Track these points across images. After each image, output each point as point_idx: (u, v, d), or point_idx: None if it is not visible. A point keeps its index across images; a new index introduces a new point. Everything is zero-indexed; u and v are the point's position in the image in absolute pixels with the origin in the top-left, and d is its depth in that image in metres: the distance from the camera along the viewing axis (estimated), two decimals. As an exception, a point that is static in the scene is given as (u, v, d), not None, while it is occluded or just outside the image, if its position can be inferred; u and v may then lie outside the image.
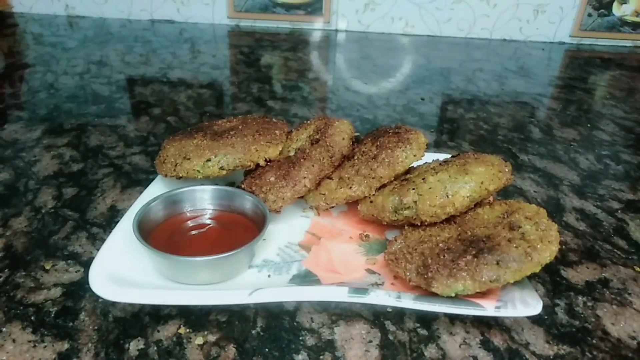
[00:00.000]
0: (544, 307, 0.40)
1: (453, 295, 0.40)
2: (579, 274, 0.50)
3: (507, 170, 0.49)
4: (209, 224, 0.50)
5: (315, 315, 0.43)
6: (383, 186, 0.51)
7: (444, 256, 0.42)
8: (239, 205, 0.52)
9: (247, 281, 0.45)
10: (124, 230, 0.48)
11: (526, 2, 1.42)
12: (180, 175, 0.53)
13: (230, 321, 0.42)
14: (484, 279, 0.39)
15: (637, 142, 0.84)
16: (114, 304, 0.43)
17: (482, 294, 0.41)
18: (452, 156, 0.54)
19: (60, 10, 1.46)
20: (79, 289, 0.45)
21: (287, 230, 0.53)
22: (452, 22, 1.45)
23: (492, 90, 1.06)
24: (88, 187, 0.61)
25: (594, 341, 0.42)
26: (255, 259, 0.48)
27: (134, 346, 0.40)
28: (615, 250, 0.54)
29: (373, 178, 0.51)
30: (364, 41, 1.39)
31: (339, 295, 0.42)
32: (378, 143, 0.53)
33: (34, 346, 0.39)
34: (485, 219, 0.46)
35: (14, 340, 0.40)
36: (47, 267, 0.48)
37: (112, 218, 0.55)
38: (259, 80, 1.04)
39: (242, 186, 0.53)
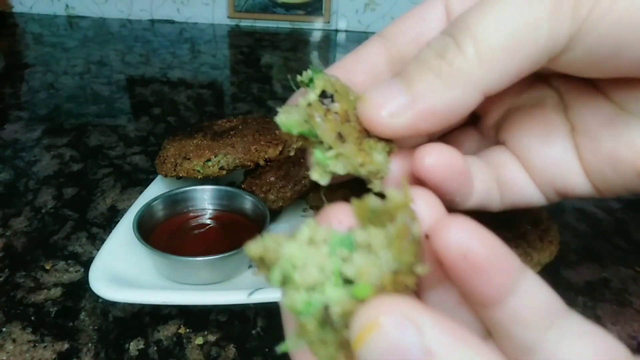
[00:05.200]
0: (544, 307, 0.40)
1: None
2: (579, 274, 0.50)
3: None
4: (209, 224, 0.50)
5: (315, 315, 0.43)
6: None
7: (444, 256, 0.42)
8: (239, 205, 0.52)
9: (247, 281, 0.45)
10: (124, 230, 0.48)
11: (526, 2, 1.42)
12: (180, 175, 0.53)
13: (230, 321, 0.42)
14: (484, 279, 0.39)
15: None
16: (114, 304, 0.43)
17: (482, 294, 0.41)
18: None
19: (60, 10, 1.46)
20: (79, 289, 0.45)
21: (287, 230, 0.53)
22: (452, 22, 1.45)
23: (492, 90, 1.06)
24: (88, 187, 0.61)
25: (594, 341, 0.42)
26: (255, 259, 0.48)
27: (134, 346, 0.40)
28: (615, 250, 0.54)
29: (373, 178, 0.50)
30: (364, 41, 1.39)
31: (339, 295, 0.42)
32: (378, 143, 0.53)
33: (34, 346, 0.39)
34: (485, 219, 0.46)
35: (14, 340, 0.40)
36: (47, 267, 0.48)
37: (112, 218, 0.55)
38: (259, 80, 1.04)
39: (242, 186, 0.53)
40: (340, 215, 0.20)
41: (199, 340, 0.40)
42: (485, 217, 0.49)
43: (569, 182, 0.25)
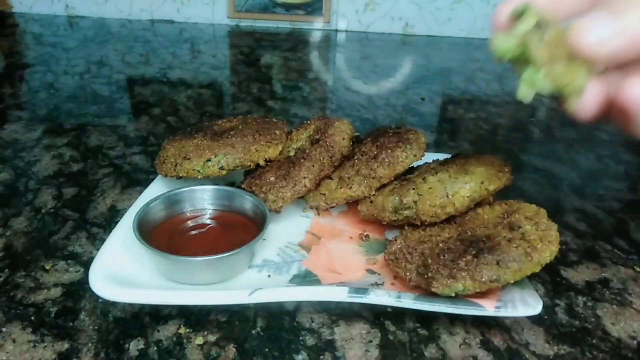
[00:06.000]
0: (544, 307, 0.40)
1: (453, 295, 0.41)
2: (579, 274, 0.50)
3: (507, 170, 0.49)
4: (209, 224, 0.50)
5: (315, 315, 0.43)
6: (383, 186, 0.51)
7: (444, 256, 0.42)
8: (239, 205, 0.52)
9: (247, 281, 0.45)
10: (124, 230, 0.48)
11: (526, 2, 1.42)
12: (180, 175, 0.53)
13: (230, 321, 0.42)
14: (484, 279, 0.39)
15: (638, 142, 0.84)
16: (114, 304, 0.43)
17: (482, 294, 0.41)
18: (452, 156, 0.54)
19: (60, 10, 1.46)
20: (79, 289, 0.45)
21: (287, 230, 0.53)
22: (452, 22, 1.45)
23: (492, 90, 1.06)
24: (88, 187, 0.61)
25: (594, 341, 0.42)
26: (255, 259, 0.48)
27: (134, 346, 0.40)
28: (615, 250, 0.54)
29: (373, 178, 0.51)
30: (364, 41, 1.39)
31: (339, 295, 0.42)
32: (378, 143, 0.53)
33: (34, 346, 0.39)
34: (485, 219, 0.46)
35: (14, 340, 0.40)
36: (47, 267, 0.48)
37: (112, 218, 0.55)
38: (259, 80, 1.04)
39: (242, 186, 0.53)
40: None
41: (199, 340, 0.40)
42: (485, 216, 0.49)
43: None
